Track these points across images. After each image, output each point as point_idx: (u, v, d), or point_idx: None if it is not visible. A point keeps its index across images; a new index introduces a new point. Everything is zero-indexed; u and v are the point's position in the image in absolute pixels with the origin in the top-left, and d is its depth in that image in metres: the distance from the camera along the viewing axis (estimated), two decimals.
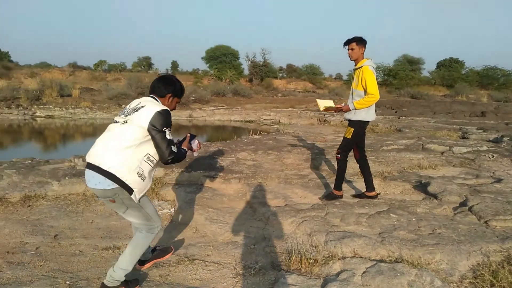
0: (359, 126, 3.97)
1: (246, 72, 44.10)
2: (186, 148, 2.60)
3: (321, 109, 4.11)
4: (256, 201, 4.16)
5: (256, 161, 5.98)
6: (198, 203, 4.16)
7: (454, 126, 11.53)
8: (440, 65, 49.71)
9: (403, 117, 14.81)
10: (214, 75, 40.18)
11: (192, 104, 21.67)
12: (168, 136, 2.27)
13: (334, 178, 4.27)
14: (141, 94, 22.59)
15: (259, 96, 29.27)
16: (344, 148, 4.08)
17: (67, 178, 4.55)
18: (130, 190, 2.24)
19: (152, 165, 2.35)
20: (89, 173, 2.26)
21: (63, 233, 3.44)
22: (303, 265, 2.77)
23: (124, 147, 2.22)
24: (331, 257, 2.89)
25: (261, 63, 40.74)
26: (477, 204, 3.83)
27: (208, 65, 45.49)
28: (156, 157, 2.35)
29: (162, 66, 64.02)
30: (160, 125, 2.23)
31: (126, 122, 2.27)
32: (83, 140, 12.81)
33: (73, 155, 5.72)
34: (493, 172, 5.36)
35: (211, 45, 45.67)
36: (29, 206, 4.08)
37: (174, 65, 57.68)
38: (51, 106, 18.61)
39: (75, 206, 4.13)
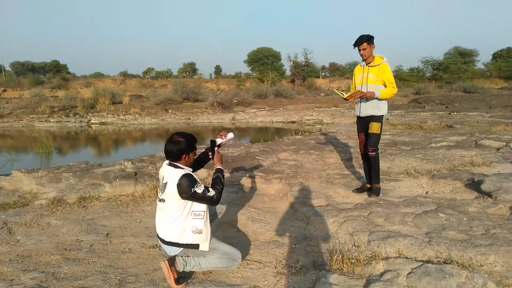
0: (382, 120, 4.15)
1: (288, 73, 44.01)
2: (220, 166, 2.92)
3: (345, 96, 4.06)
4: (297, 201, 4.15)
5: (298, 161, 5.95)
6: (240, 203, 4.23)
7: None
8: (496, 56, 46.52)
9: (455, 113, 14.00)
10: (256, 77, 40.49)
11: (235, 107, 22.03)
12: (199, 190, 2.51)
13: (375, 174, 4.24)
14: (186, 99, 23.43)
15: (301, 97, 29.08)
16: (377, 144, 4.15)
17: (117, 180, 4.82)
18: (195, 246, 2.60)
19: (201, 217, 2.61)
20: (162, 245, 2.70)
21: (114, 231, 3.65)
22: (345, 265, 2.72)
23: (173, 219, 2.55)
24: (374, 257, 2.81)
25: (303, 63, 40.47)
26: None
27: (250, 67, 45.97)
28: (201, 208, 2.61)
29: (206, 71, 65.63)
30: (188, 189, 2.48)
31: (164, 200, 2.58)
32: (132, 144, 13.47)
33: (123, 158, 6.05)
34: None
35: (253, 48, 46.11)
36: (84, 206, 4.37)
37: (218, 69, 58.94)
38: (104, 114, 19.79)
39: (125, 207, 4.36)
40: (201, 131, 16.42)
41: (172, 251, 2.64)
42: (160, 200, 2.63)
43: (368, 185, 4.35)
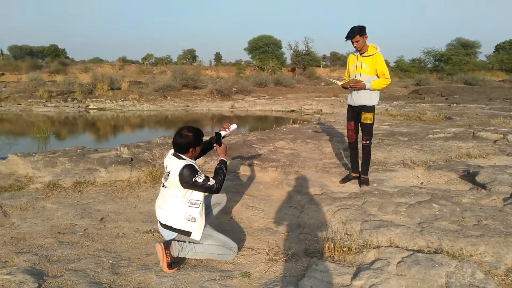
0: (374, 110, 4.14)
1: (288, 61, 43.66)
2: (224, 157, 3.01)
3: (340, 84, 4.09)
4: (292, 189, 4.16)
5: (294, 150, 5.95)
6: (235, 190, 4.23)
7: (511, 113, 10.69)
8: (499, 48, 46.16)
9: (454, 105, 13.95)
10: (257, 66, 40.17)
11: (234, 95, 21.92)
12: (200, 179, 2.58)
13: (366, 164, 4.28)
14: (185, 86, 23.29)
15: (301, 86, 28.92)
16: (371, 133, 4.18)
17: (113, 165, 4.82)
18: (187, 233, 2.66)
19: (197, 206, 2.67)
20: (160, 228, 2.79)
21: (109, 216, 3.66)
22: (336, 253, 2.74)
23: (172, 204, 2.66)
24: (366, 245, 2.83)
25: (303, 52, 40.09)
26: None
27: (250, 55, 45.55)
28: (199, 198, 2.68)
29: (206, 58, 64.97)
30: (189, 179, 2.55)
31: (167, 186, 2.67)
32: (130, 130, 13.45)
33: (119, 144, 6.03)
34: None
35: (254, 36, 45.58)
36: (79, 191, 4.38)
37: (218, 57, 58.46)
38: (102, 99, 19.69)
39: (120, 192, 4.37)
40: (199, 118, 16.38)
41: (169, 235, 2.72)
42: (163, 186, 2.74)
43: (353, 174, 4.37)
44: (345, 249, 2.78)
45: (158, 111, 18.35)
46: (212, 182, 2.64)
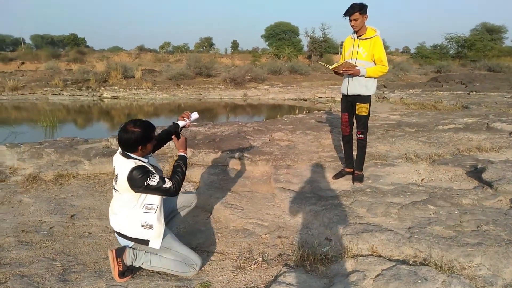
0: (370, 100, 3.77)
1: (305, 49, 42.73)
2: (183, 152, 2.62)
3: (331, 67, 3.67)
4: (278, 186, 3.85)
5: (291, 142, 5.62)
6: (218, 186, 3.97)
7: None
8: None
9: (474, 93, 13.20)
10: (272, 53, 39.49)
11: (248, 83, 21.57)
12: (153, 182, 2.26)
13: (360, 159, 3.92)
14: (198, 74, 23.09)
15: (317, 73, 28.26)
16: (366, 126, 3.81)
17: (97, 157, 4.64)
18: (145, 242, 2.38)
19: (154, 211, 2.37)
20: (116, 235, 2.51)
21: (81, 213, 3.48)
22: (309, 262, 2.46)
23: (124, 209, 2.37)
24: (344, 254, 2.53)
25: (320, 38, 39.08)
26: None
27: (267, 43, 44.84)
28: (155, 201, 2.37)
29: (223, 46, 64.50)
30: (140, 182, 2.24)
31: (117, 190, 2.37)
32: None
33: (112, 135, 5.86)
34: None
35: (271, 23, 44.80)
36: (60, 184, 4.23)
37: (235, 44, 57.96)
38: (116, 88, 19.73)
39: (102, 186, 4.20)
40: (212, 107, 16.15)
41: (123, 242, 2.44)
42: (114, 189, 2.42)
43: (347, 169, 4.03)
44: (320, 257, 2.49)
45: (170, 100, 18.24)
46: (168, 184, 2.30)
